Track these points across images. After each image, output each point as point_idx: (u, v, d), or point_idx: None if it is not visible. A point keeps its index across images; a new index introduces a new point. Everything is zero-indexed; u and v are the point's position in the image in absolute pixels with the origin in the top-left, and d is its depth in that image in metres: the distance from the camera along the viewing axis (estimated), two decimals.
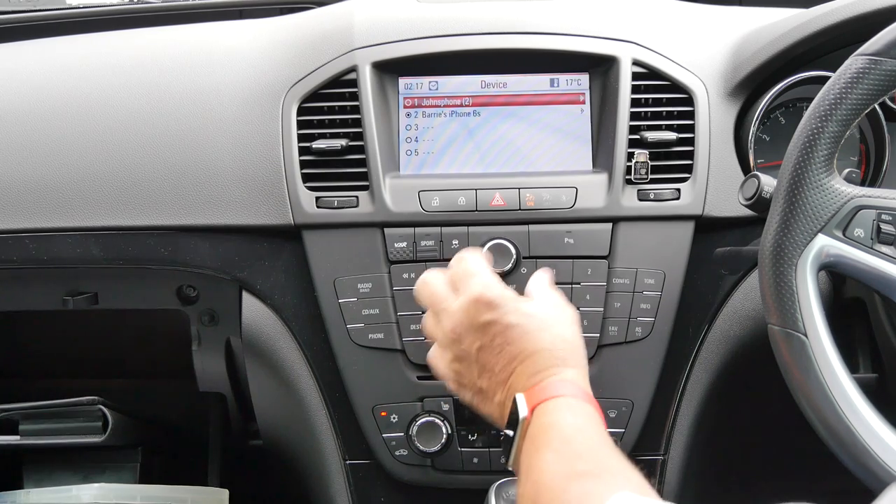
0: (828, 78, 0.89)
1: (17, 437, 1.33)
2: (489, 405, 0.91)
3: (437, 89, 1.17)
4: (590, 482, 0.73)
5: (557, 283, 1.07)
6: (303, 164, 1.12)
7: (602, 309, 1.08)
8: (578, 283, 1.08)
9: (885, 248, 0.88)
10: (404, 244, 1.09)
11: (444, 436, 1.07)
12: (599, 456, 0.78)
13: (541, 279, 1.00)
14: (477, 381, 0.92)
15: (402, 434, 1.09)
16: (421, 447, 1.07)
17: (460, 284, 0.95)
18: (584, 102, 1.16)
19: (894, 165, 1.15)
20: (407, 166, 1.15)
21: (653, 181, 1.11)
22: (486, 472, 1.09)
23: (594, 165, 1.14)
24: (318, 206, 1.10)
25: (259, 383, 1.21)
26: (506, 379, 0.89)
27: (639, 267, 1.09)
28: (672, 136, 1.11)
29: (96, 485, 1.29)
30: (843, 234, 0.88)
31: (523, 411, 0.83)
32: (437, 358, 0.97)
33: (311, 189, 1.11)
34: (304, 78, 1.15)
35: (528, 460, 0.81)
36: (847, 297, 1.15)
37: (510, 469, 0.87)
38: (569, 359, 0.88)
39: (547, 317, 0.92)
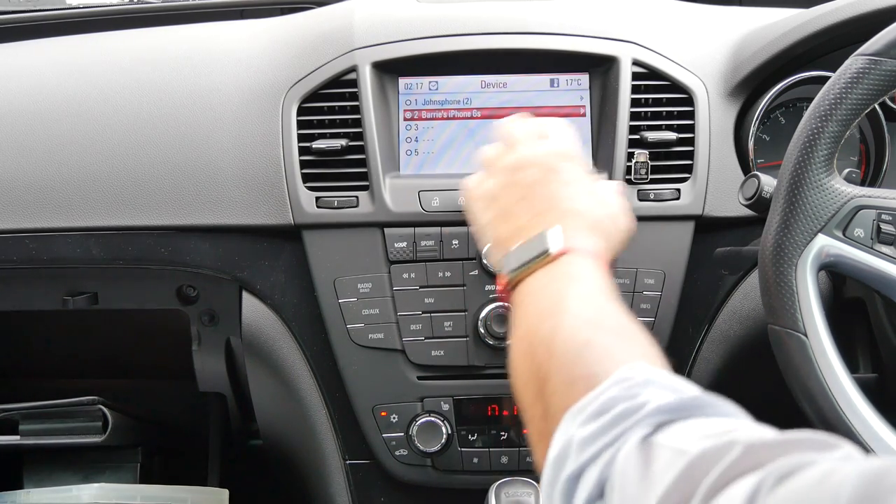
0: (828, 78, 0.89)
1: (17, 437, 1.33)
2: (507, 225, 0.87)
3: (437, 89, 1.17)
4: (611, 338, 0.70)
5: None
6: (303, 164, 1.12)
7: None
8: None
9: (885, 248, 0.88)
10: (404, 244, 1.09)
11: (444, 436, 1.07)
12: (622, 320, 0.74)
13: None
14: (513, 204, 0.87)
15: (402, 434, 1.09)
16: (421, 447, 1.07)
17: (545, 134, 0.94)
18: (584, 115, 1.16)
19: (894, 165, 1.15)
20: (407, 166, 1.15)
21: (653, 181, 1.11)
22: (486, 472, 1.09)
23: (594, 165, 1.14)
24: (318, 206, 1.10)
25: (259, 383, 1.21)
26: (544, 211, 0.85)
27: (639, 267, 1.09)
28: (672, 136, 1.11)
29: (96, 485, 1.29)
30: (843, 234, 0.88)
31: (557, 242, 0.80)
32: (480, 179, 0.94)
33: (311, 189, 1.11)
34: (304, 78, 1.15)
35: (551, 296, 0.76)
36: (847, 297, 1.15)
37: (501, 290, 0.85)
38: (605, 237, 0.86)
39: (605, 199, 0.90)
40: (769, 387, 0.97)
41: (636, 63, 1.13)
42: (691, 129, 1.13)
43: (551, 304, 0.75)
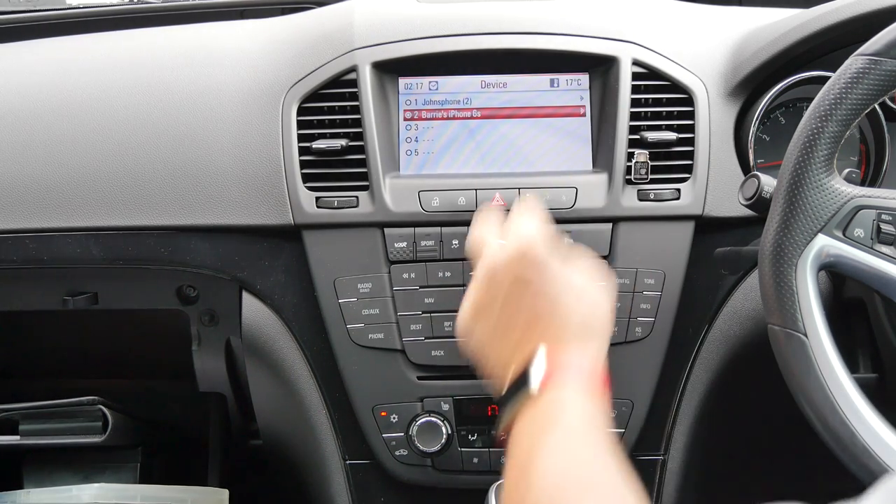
0: (828, 78, 0.89)
1: (17, 437, 1.33)
2: (491, 354, 0.85)
3: (437, 89, 1.17)
4: (580, 497, 0.68)
5: None
6: (303, 164, 1.12)
7: None
8: None
9: (885, 248, 0.88)
10: (404, 244, 1.09)
11: (444, 436, 1.07)
12: (597, 469, 0.72)
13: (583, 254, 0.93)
14: (491, 328, 0.85)
15: (402, 434, 1.09)
16: (421, 447, 1.07)
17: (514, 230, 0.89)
18: (584, 115, 1.16)
19: (894, 165, 1.15)
20: (407, 166, 1.15)
21: (653, 181, 1.11)
22: (486, 472, 1.09)
23: (594, 165, 1.14)
24: (318, 206, 1.10)
25: (259, 383, 1.21)
26: (523, 337, 0.82)
27: (639, 267, 1.09)
28: (672, 136, 1.11)
29: (96, 485, 1.29)
30: (843, 234, 0.88)
31: (538, 376, 0.77)
32: (468, 296, 0.91)
33: (311, 189, 1.11)
34: (304, 78, 1.15)
35: (527, 449, 0.75)
36: (847, 297, 1.15)
37: (502, 434, 0.82)
38: (593, 333, 0.83)
39: (583, 295, 0.85)
40: (769, 387, 0.98)
41: (636, 63, 1.13)
42: (691, 129, 1.13)
43: (526, 458, 0.74)
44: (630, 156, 1.11)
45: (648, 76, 1.14)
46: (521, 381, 0.79)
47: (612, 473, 0.71)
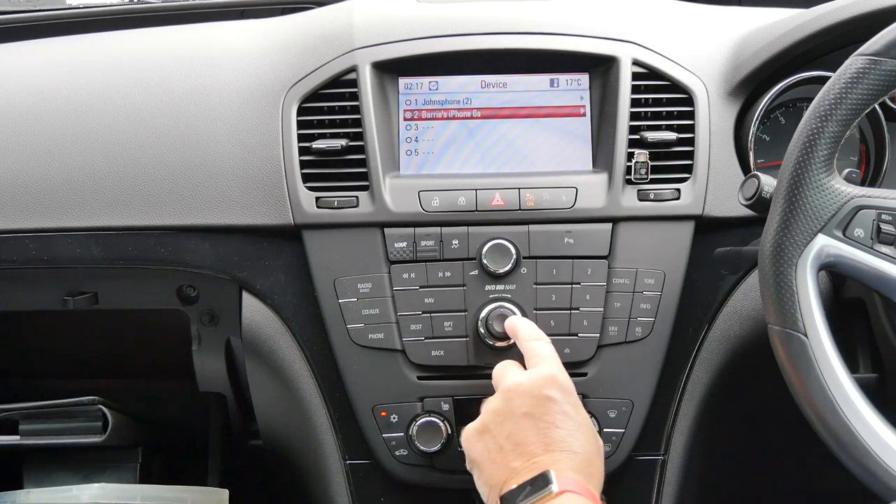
0: (828, 78, 0.89)
1: (17, 437, 1.33)
2: (498, 467, 0.90)
3: (437, 89, 1.17)
4: None
5: (557, 283, 1.08)
6: (303, 164, 1.12)
7: (602, 309, 1.08)
8: (578, 283, 1.08)
9: (885, 248, 0.88)
10: (404, 244, 1.09)
11: (444, 436, 1.07)
12: None
13: None
14: (503, 441, 0.91)
15: (402, 434, 1.09)
16: (421, 447, 1.07)
17: (533, 361, 0.97)
18: (584, 115, 1.16)
19: (894, 165, 1.15)
20: (407, 166, 1.15)
21: (653, 181, 1.11)
22: None
23: (594, 165, 1.14)
24: (318, 206, 1.10)
25: (259, 383, 1.21)
26: (535, 453, 0.88)
27: (639, 267, 1.09)
28: (672, 136, 1.11)
29: (96, 485, 1.29)
30: (843, 234, 0.88)
31: (554, 486, 0.84)
32: (477, 421, 0.97)
33: (311, 189, 1.11)
34: (304, 78, 1.15)
35: None
36: (847, 297, 1.15)
37: None
38: (594, 478, 0.89)
39: (593, 434, 0.94)
40: (769, 387, 0.98)
41: (636, 63, 1.13)
42: (691, 129, 1.13)
43: None
44: (630, 156, 1.11)
45: (648, 76, 1.14)
46: (538, 483, 0.85)
47: None
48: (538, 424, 0.90)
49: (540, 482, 0.85)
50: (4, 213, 1.15)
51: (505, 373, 0.97)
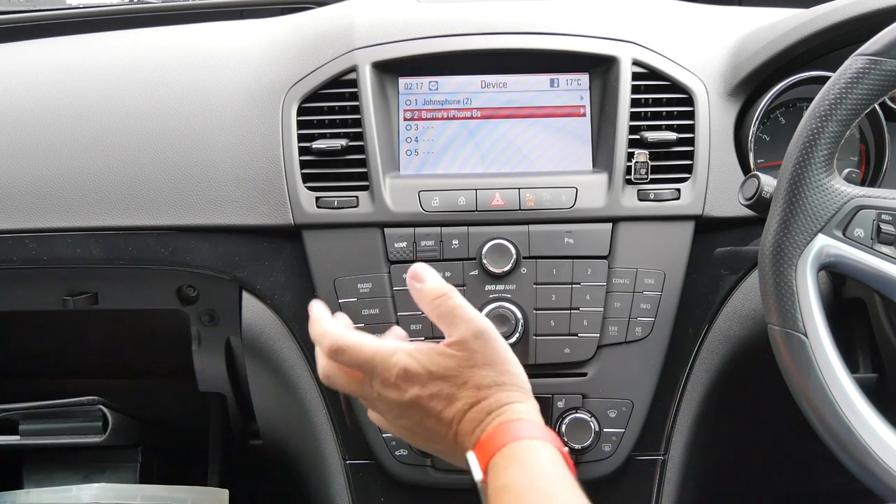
0: (828, 78, 0.89)
1: (17, 437, 1.33)
2: (456, 460, 0.86)
3: (437, 89, 1.17)
4: None
5: (557, 283, 1.08)
6: (303, 164, 1.12)
7: (602, 309, 1.08)
8: (578, 283, 1.08)
9: (885, 248, 0.88)
10: (404, 244, 1.09)
11: None
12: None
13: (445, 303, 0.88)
14: (432, 445, 0.88)
15: None
16: None
17: (363, 368, 0.87)
18: (584, 115, 1.16)
19: (894, 165, 1.15)
20: (407, 166, 1.15)
21: (653, 181, 1.11)
22: None
23: (594, 165, 1.14)
24: (318, 206, 1.10)
25: (259, 383, 1.21)
26: (454, 439, 0.84)
27: (639, 267, 1.09)
28: (672, 136, 1.11)
29: (96, 485, 1.29)
30: (843, 234, 0.88)
31: (478, 474, 0.79)
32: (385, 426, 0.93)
33: (311, 189, 1.11)
34: (304, 78, 1.15)
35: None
36: (847, 297, 1.15)
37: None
38: (505, 388, 0.82)
39: (465, 359, 0.84)
40: (769, 387, 0.98)
41: (636, 63, 1.13)
42: (691, 129, 1.13)
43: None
44: (630, 156, 1.11)
45: (648, 76, 1.14)
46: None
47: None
48: (430, 420, 0.84)
49: (470, 477, 0.80)
50: (4, 213, 1.15)
51: (354, 393, 0.92)
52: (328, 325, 0.90)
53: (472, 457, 0.80)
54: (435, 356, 0.84)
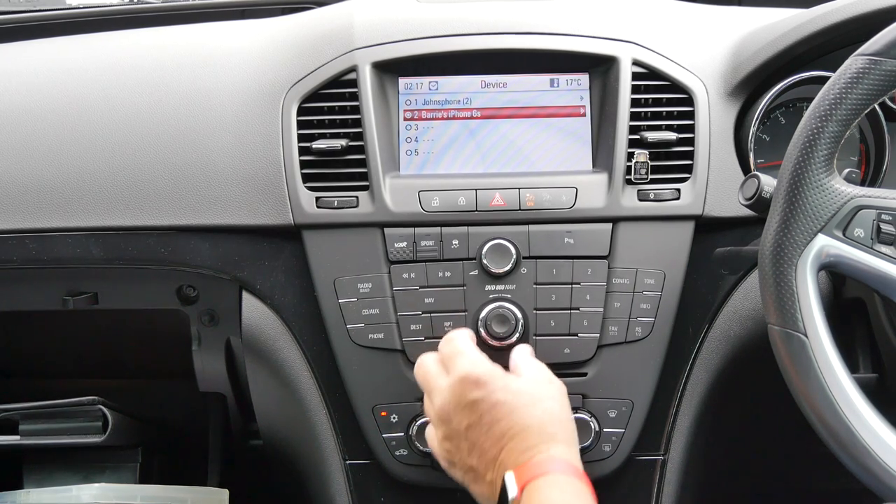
0: (828, 78, 0.89)
1: (17, 437, 1.33)
2: (481, 485, 0.90)
3: (437, 89, 1.17)
4: None
5: (557, 283, 1.08)
6: (303, 164, 1.12)
7: (602, 309, 1.08)
8: (578, 283, 1.08)
9: (885, 248, 0.88)
10: (404, 244, 1.09)
11: None
12: None
13: (524, 352, 1.01)
14: (467, 459, 0.91)
15: (402, 434, 1.09)
16: (421, 447, 1.07)
17: (449, 364, 0.97)
18: (584, 115, 1.16)
19: (894, 165, 1.15)
20: (407, 166, 1.15)
21: (653, 181, 1.11)
22: None
23: (594, 165, 1.14)
24: (318, 206, 1.10)
25: (259, 383, 1.21)
26: (496, 456, 0.88)
27: (639, 267, 1.09)
28: (672, 136, 1.11)
29: (96, 485, 1.29)
30: (843, 234, 0.88)
31: (513, 491, 0.82)
32: (431, 437, 0.99)
33: (311, 189, 1.11)
34: (304, 78, 1.15)
35: None
36: (847, 297, 1.15)
37: None
38: (558, 434, 0.88)
39: (535, 392, 0.92)
40: (769, 387, 0.98)
41: (636, 63, 1.13)
42: (691, 129, 1.13)
43: None
44: (630, 156, 1.11)
45: (648, 76, 1.14)
46: (504, 492, 0.84)
47: None
48: (482, 429, 0.89)
49: (503, 494, 0.84)
50: (4, 213, 1.15)
51: (426, 385, 0.99)
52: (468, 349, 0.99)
53: (510, 476, 0.84)
54: (509, 376, 0.94)
